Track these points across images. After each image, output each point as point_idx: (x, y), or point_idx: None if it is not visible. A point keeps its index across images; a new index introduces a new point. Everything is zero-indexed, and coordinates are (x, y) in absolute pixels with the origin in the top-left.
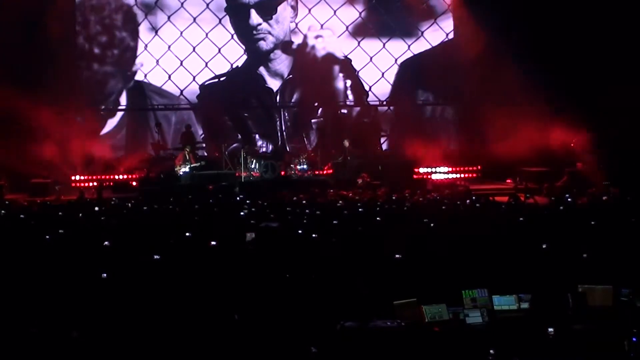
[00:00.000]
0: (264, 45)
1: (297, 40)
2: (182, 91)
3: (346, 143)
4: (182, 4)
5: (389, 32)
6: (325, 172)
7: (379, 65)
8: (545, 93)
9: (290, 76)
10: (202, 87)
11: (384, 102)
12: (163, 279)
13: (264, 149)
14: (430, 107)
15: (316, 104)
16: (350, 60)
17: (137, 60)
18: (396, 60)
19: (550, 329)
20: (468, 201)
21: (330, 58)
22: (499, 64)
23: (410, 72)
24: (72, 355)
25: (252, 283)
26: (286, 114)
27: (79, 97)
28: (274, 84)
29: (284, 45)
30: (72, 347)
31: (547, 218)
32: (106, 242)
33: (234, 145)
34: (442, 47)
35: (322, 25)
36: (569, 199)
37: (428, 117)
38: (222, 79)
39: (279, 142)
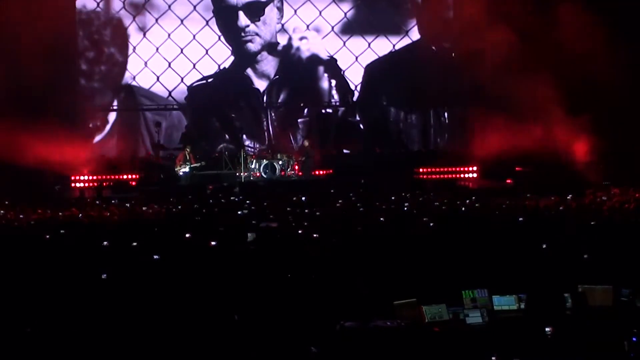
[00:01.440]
0: (252, 47)
1: (283, 41)
2: (170, 92)
3: (306, 143)
4: (169, 6)
5: (375, 30)
6: (325, 172)
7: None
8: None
9: (277, 77)
10: (190, 88)
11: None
12: (163, 279)
13: (251, 149)
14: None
15: (302, 104)
16: (336, 60)
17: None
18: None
19: (548, 329)
20: (468, 201)
21: (315, 59)
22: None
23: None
24: (72, 355)
25: (253, 283)
26: (273, 114)
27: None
28: (260, 84)
29: (271, 47)
30: (71, 347)
31: (547, 218)
32: (105, 242)
33: (222, 145)
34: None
35: (308, 26)
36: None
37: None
38: (209, 80)
39: (266, 142)
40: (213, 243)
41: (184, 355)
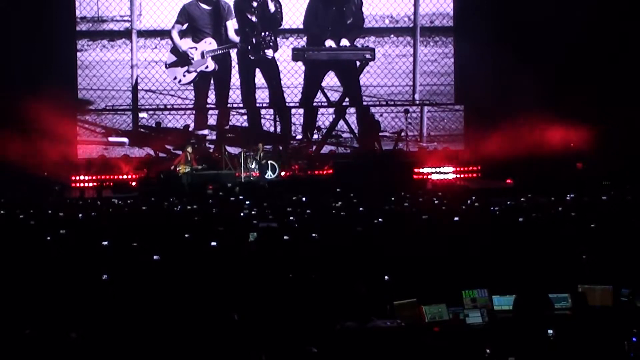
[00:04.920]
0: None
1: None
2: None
3: (260, 146)
4: None
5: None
6: (325, 172)
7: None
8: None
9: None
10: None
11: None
12: (163, 279)
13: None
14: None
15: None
16: None
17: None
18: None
19: (550, 331)
20: (469, 201)
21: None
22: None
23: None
24: (72, 356)
25: (252, 283)
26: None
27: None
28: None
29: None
30: (71, 348)
31: (547, 218)
32: (105, 242)
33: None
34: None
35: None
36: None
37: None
38: None
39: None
40: (213, 244)
41: (184, 355)
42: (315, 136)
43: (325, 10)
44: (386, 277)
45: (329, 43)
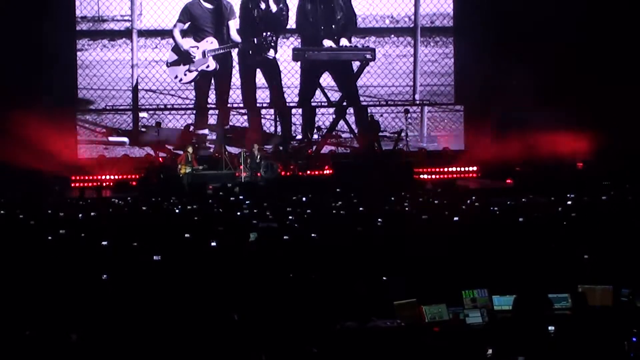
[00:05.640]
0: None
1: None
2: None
3: (255, 146)
4: None
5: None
6: (325, 172)
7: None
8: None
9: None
10: None
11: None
12: (163, 279)
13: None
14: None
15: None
16: None
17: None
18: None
19: (551, 328)
20: (469, 201)
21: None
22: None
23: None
24: (72, 357)
25: (252, 283)
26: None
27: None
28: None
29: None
30: (71, 349)
31: (547, 218)
32: (105, 242)
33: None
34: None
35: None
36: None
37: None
38: None
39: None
40: (213, 244)
41: (184, 355)
42: (315, 136)
43: (314, 9)
44: (384, 278)
45: (327, 43)
